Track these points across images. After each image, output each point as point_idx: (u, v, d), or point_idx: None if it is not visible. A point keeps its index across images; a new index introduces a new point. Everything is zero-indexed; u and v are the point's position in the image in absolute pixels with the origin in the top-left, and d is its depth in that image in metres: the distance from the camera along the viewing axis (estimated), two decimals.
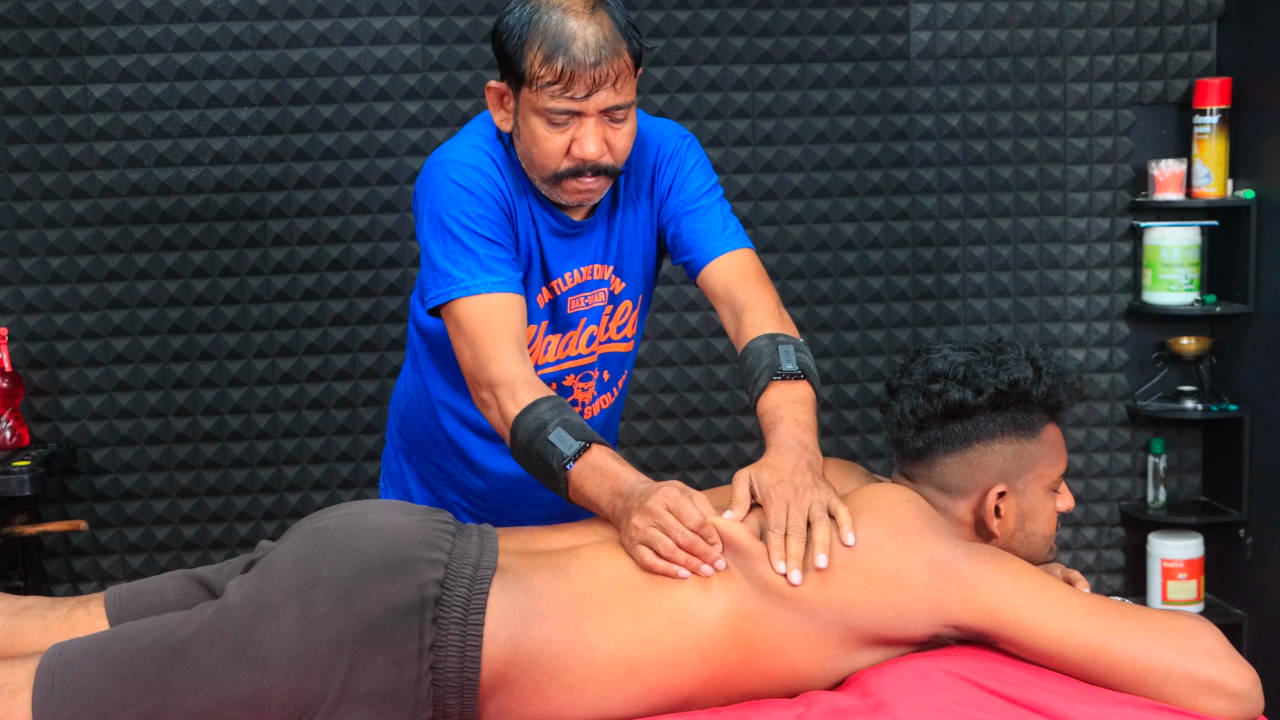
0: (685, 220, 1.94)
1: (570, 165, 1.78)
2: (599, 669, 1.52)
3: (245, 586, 1.51)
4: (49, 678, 1.47)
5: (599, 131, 1.76)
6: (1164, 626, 1.52)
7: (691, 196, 1.95)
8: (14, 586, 2.92)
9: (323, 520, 1.59)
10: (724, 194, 2.00)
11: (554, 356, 1.96)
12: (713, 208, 1.95)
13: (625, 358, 2.06)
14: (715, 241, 1.92)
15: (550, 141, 1.77)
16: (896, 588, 1.55)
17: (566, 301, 1.94)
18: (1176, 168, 3.14)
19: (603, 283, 1.97)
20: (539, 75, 1.72)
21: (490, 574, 1.54)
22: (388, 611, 1.47)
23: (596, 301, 1.97)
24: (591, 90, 1.73)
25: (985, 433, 1.70)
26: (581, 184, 1.80)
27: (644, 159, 1.95)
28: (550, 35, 1.71)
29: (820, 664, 1.57)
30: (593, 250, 1.94)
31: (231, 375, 3.11)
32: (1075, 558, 3.32)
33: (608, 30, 1.73)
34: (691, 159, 1.97)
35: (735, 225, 1.96)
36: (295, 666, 1.45)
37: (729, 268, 1.91)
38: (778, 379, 1.77)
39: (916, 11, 3.15)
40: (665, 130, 2.00)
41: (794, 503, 1.61)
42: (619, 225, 1.95)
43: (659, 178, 1.96)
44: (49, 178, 3.02)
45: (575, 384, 2.01)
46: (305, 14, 3.02)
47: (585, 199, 1.84)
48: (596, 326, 1.98)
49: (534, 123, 1.77)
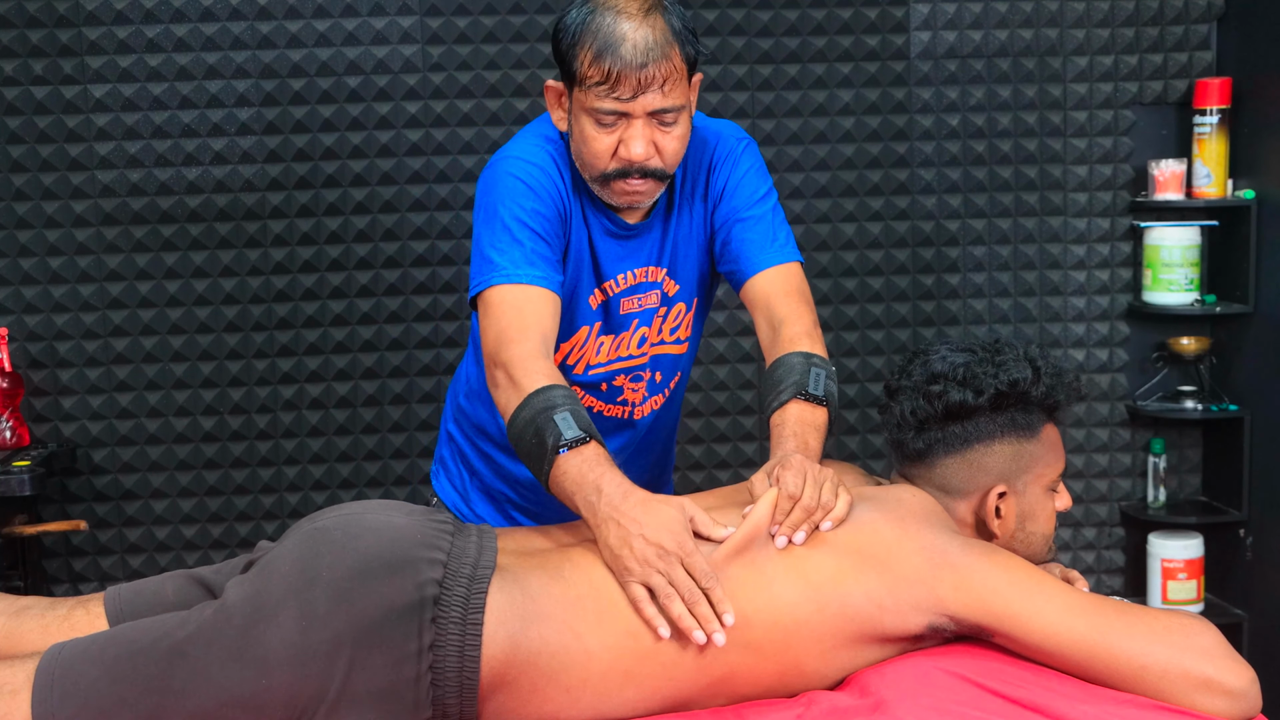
0: (735, 229, 1.93)
1: (617, 166, 1.79)
2: (596, 675, 1.52)
3: (244, 587, 1.51)
4: (48, 678, 1.47)
5: (646, 134, 1.77)
6: (1161, 624, 1.52)
7: (744, 204, 1.94)
8: (14, 586, 2.93)
9: (322, 520, 1.59)
10: (778, 198, 1.99)
11: (605, 357, 1.97)
12: (764, 217, 1.93)
13: (679, 359, 2.05)
14: (762, 254, 1.92)
15: (598, 141, 1.77)
16: (887, 566, 1.56)
17: (620, 303, 1.94)
18: (1176, 168, 3.14)
19: (655, 285, 1.97)
20: (588, 75, 1.73)
21: (489, 573, 1.54)
22: (387, 611, 1.47)
23: (649, 304, 1.97)
24: (638, 92, 1.73)
25: (985, 433, 1.70)
26: (629, 185, 1.81)
27: (699, 160, 1.95)
28: (601, 36, 1.72)
29: (822, 661, 1.57)
30: (647, 252, 1.94)
31: (231, 375, 3.11)
32: (1075, 558, 3.32)
33: (659, 33, 1.73)
34: (746, 163, 1.96)
35: (785, 235, 1.95)
36: (294, 666, 1.45)
37: (772, 281, 1.91)
38: (801, 398, 1.77)
39: (916, 11, 3.15)
40: (723, 131, 1.99)
41: (812, 480, 1.61)
42: (674, 228, 1.95)
43: (713, 180, 1.95)
44: (49, 178, 3.02)
45: (625, 384, 2.01)
46: (305, 14, 3.02)
47: (633, 201, 1.84)
48: (648, 328, 1.98)
49: (584, 122, 1.78)
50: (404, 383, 3.16)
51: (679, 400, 2.14)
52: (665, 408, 2.10)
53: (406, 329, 3.14)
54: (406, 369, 3.15)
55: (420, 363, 3.15)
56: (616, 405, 2.02)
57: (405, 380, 3.16)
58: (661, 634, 1.51)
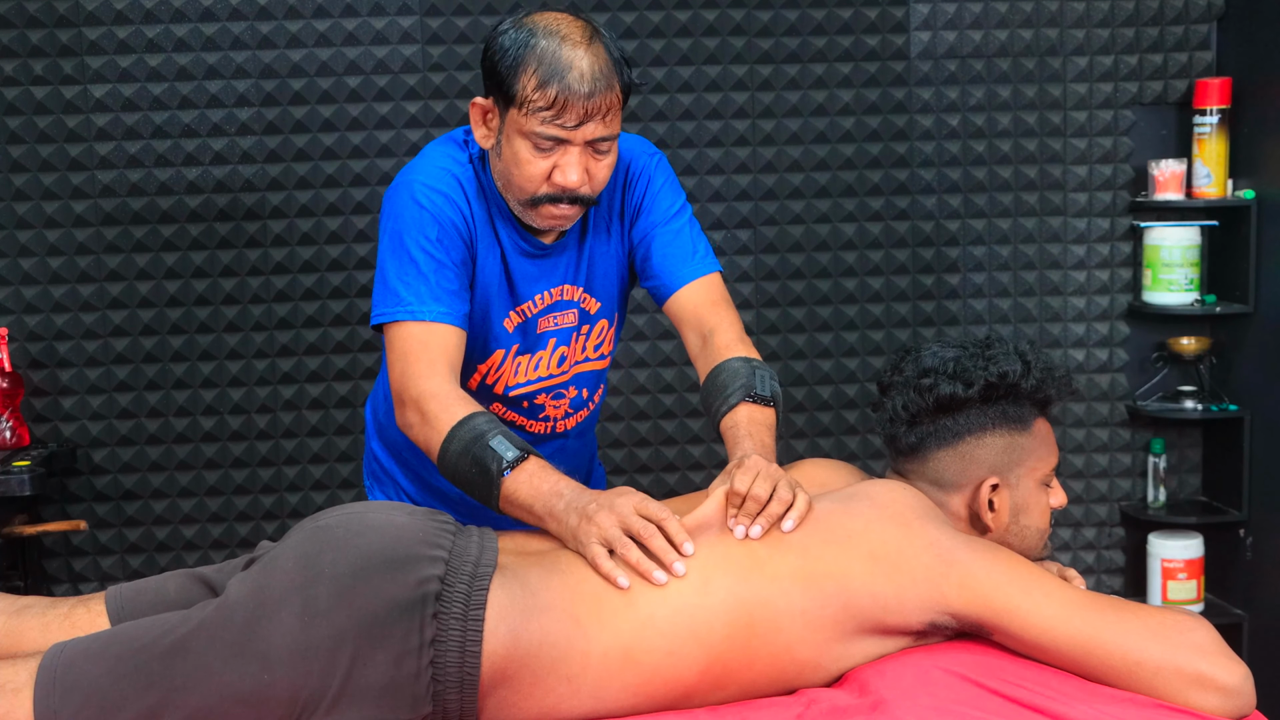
0: (654, 244, 1.94)
1: (549, 191, 1.79)
2: (596, 658, 1.52)
3: (246, 583, 1.52)
4: (50, 675, 1.47)
5: (582, 161, 1.77)
6: (1156, 621, 1.53)
7: (660, 219, 1.95)
8: (14, 586, 2.93)
9: (324, 519, 1.60)
10: (693, 212, 2.00)
11: (524, 377, 1.97)
12: (680, 230, 1.95)
13: (602, 373, 2.07)
14: (684, 267, 1.93)
15: (533, 165, 1.77)
16: (897, 568, 1.56)
17: (537, 323, 1.95)
18: (1176, 168, 3.14)
19: (573, 304, 1.97)
20: (531, 99, 1.72)
21: (490, 570, 1.55)
22: (389, 607, 1.48)
23: (566, 322, 1.97)
24: (582, 120, 1.73)
25: (976, 425, 1.72)
26: (558, 210, 1.81)
27: (614, 178, 1.94)
28: (547, 61, 1.71)
29: (818, 650, 1.57)
30: (562, 272, 1.94)
31: (231, 375, 3.12)
32: (1075, 557, 3.32)
33: (603, 63, 1.73)
34: (660, 178, 1.97)
35: (704, 248, 1.96)
36: (297, 662, 1.46)
37: (696, 293, 1.93)
38: (750, 400, 1.80)
39: (916, 11, 3.15)
40: (634, 148, 1.98)
41: (763, 474, 1.63)
42: (589, 246, 1.95)
43: (628, 197, 1.95)
44: (49, 178, 3.02)
45: (547, 402, 2.01)
46: (305, 14, 3.02)
47: (559, 224, 1.85)
48: (566, 347, 1.99)
49: (518, 145, 1.77)
50: None
51: (599, 409, 2.16)
52: (589, 420, 2.11)
53: None
54: None
55: None
56: (539, 421, 2.02)
57: None
58: (620, 584, 1.54)
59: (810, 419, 3.26)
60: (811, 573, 1.56)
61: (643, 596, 1.55)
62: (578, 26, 1.75)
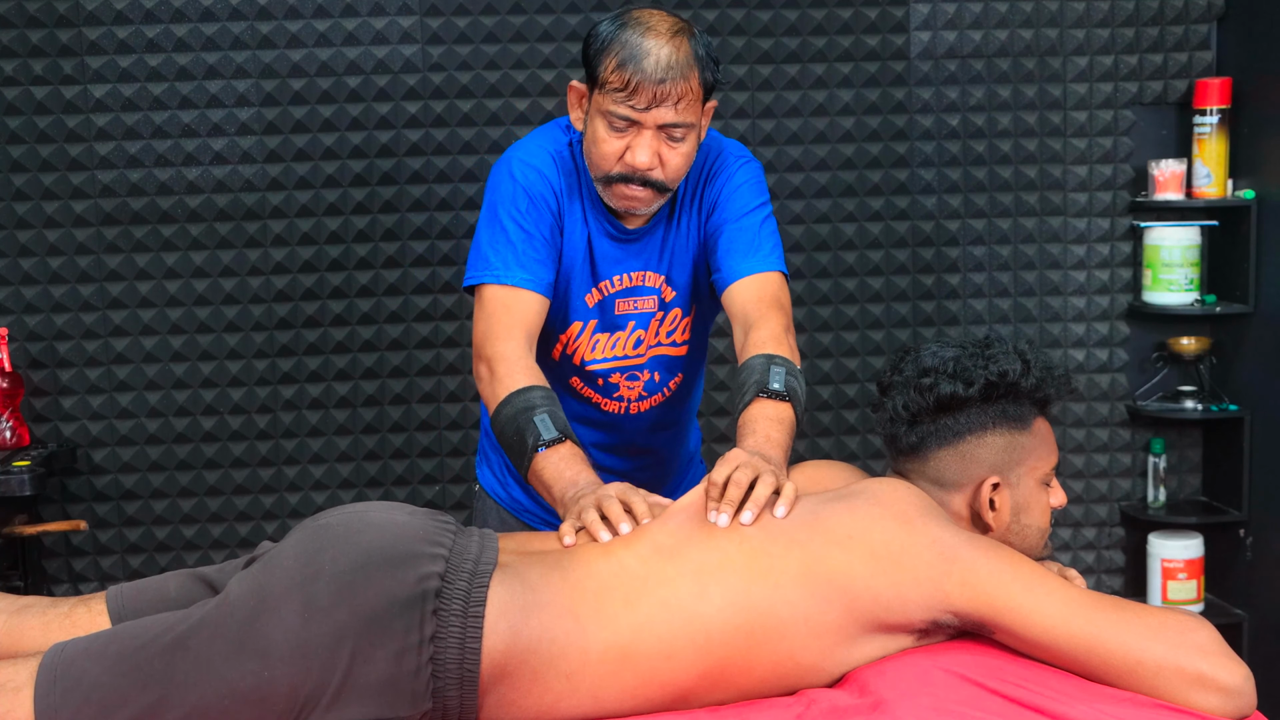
0: (722, 237, 1.99)
1: (621, 170, 1.89)
2: (595, 656, 1.52)
3: (247, 581, 1.52)
4: (50, 674, 1.47)
5: (653, 144, 1.86)
6: (1157, 621, 1.52)
7: (733, 214, 2.00)
8: (14, 586, 2.93)
9: (325, 518, 1.60)
10: (772, 214, 2.03)
11: (601, 354, 2.05)
12: (750, 227, 1.99)
13: (679, 361, 2.12)
14: (744, 261, 1.97)
15: (608, 144, 1.87)
16: (900, 566, 1.56)
17: (614, 304, 2.03)
18: (1176, 168, 3.14)
19: (653, 290, 2.05)
20: (609, 80, 1.84)
21: (490, 568, 1.55)
22: (389, 603, 1.48)
23: (645, 307, 2.06)
24: (652, 104, 1.83)
25: (977, 424, 1.72)
26: (630, 190, 1.90)
27: (698, 170, 2.02)
28: (629, 47, 1.83)
29: (821, 655, 1.57)
30: (645, 257, 2.03)
31: (231, 375, 3.12)
32: (1075, 557, 3.32)
33: (682, 55, 1.84)
34: (742, 176, 2.02)
35: (771, 247, 2.00)
36: (297, 659, 1.46)
37: (749, 288, 1.96)
38: (763, 396, 1.81)
39: (916, 11, 3.15)
40: (727, 146, 2.06)
41: (744, 464, 1.65)
42: (673, 235, 2.03)
43: (708, 190, 2.02)
44: (49, 178, 3.02)
45: (622, 382, 2.09)
46: (305, 14, 3.02)
47: (631, 206, 1.93)
48: (644, 331, 2.06)
49: (598, 123, 1.88)
50: (404, 383, 3.16)
51: (684, 406, 2.20)
52: (666, 405, 2.14)
53: (406, 329, 3.14)
54: (406, 369, 3.15)
55: (420, 363, 3.15)
56: (614, 401, 2.10)
57: (405, 380, 3.16)
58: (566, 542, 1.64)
59: (810, 419, 3.26)
60: (814, 574, 1.56)
61: (643, 598, 1.55)
62: (668, 22, 1.87)
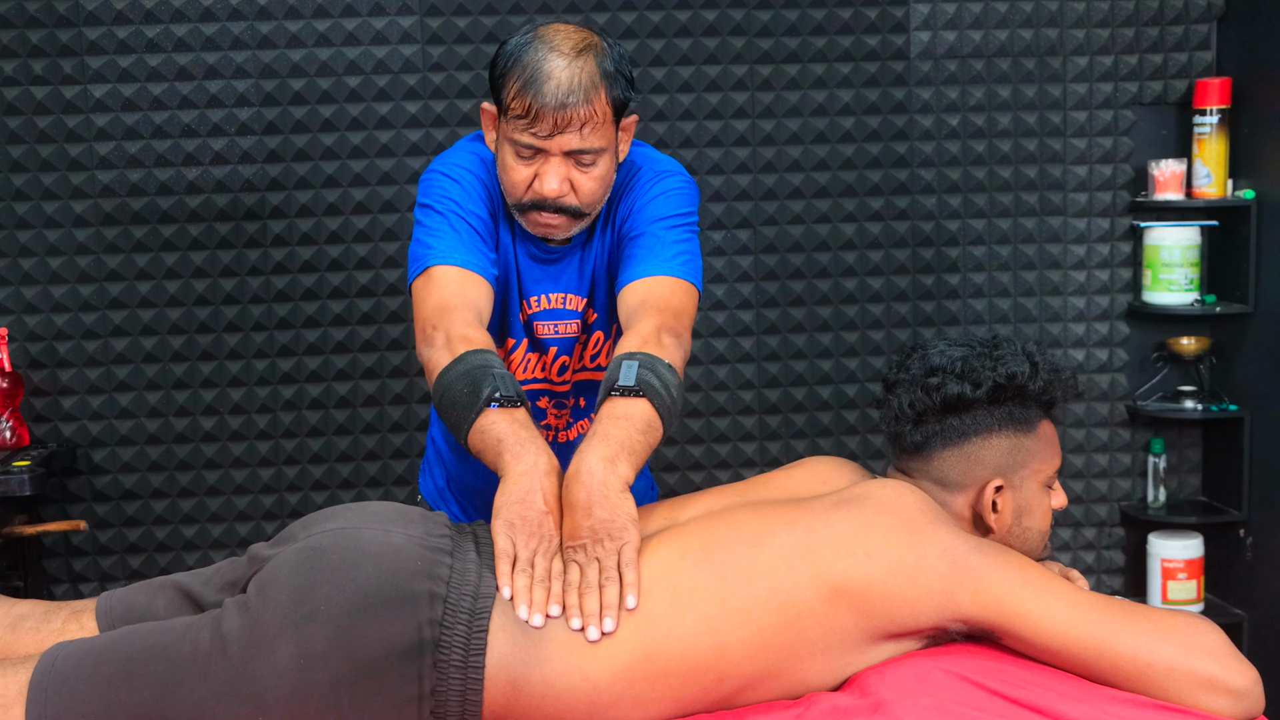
0: (626, 246, 1.88)
1: (531, 199, 1.80)
2: (604, 705, 1.50)
3: (241, 615, 1.48)
4: (41, 693, 1.45)
5: (562, 171, 1.77)
6: (1166, 623, 1.52)
7: (639, 225, 1.88)
8: (14, 587, 2.93)
9: (317, 534, 1.55)
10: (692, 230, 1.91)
11: (532, 375, 1.97)
12: (658, 234, 1.86)
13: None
14: (637, 267, 1.84)
15: (516, 172, 1.79)
16: (913, 580, 1.54)
17: (534, 325, 1.94)
18: (1176, 168, 3.14)
19: (575, 314, 1.95)
20: (511, 106, 1.75)
21: (489, 605, 1.51)
22: (386, 653, 1.45)
23: (568, 332, 1.96)
24: (554, 131, 1.74)
25: (983, 426, 1.71)
26: (543, 218, 1.81)
27: (617, 187, 1.91)
28: (529, 70, 1.73)
29: (830, 675, 1.57)
30: (565, 279, 1.93)
31: (231, 375, 3.11)
32: (1075, 558, 3.32)
33: (587, 75, 1.73)
34: (659, 188, 1.90)
35: (674, 254, 1.85)
36: (292, 705, 1.43)
37: (635, 293, 1.82)
38: (614, 394, 1.64)
39: (916, 11, 3.15)
40: (648, 162, 1.94)
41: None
42: (591, 255, 1.94)
43: (620, 207, 1.92)
44: (49, 178, 3.02)
45: (549, 407, 2.01)
46: (305, 14, 3.02)
47: (547, 233, 1.85)
48: (569, 357, 1.98)
49: (505, 151, 1.80)
50: (404, 383, 3.16)
51: None
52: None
53: (406, 329, 3.14)
54: (406, 369, 3.15)
55: (420, 363, 3.15)
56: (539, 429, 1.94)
57: (405, 380, 3.15)
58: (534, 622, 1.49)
59: (810, 419, 3.26)
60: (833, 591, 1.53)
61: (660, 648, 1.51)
62: (574, 39, 1.75)
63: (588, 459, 1.57)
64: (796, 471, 1.82)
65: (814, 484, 1.76)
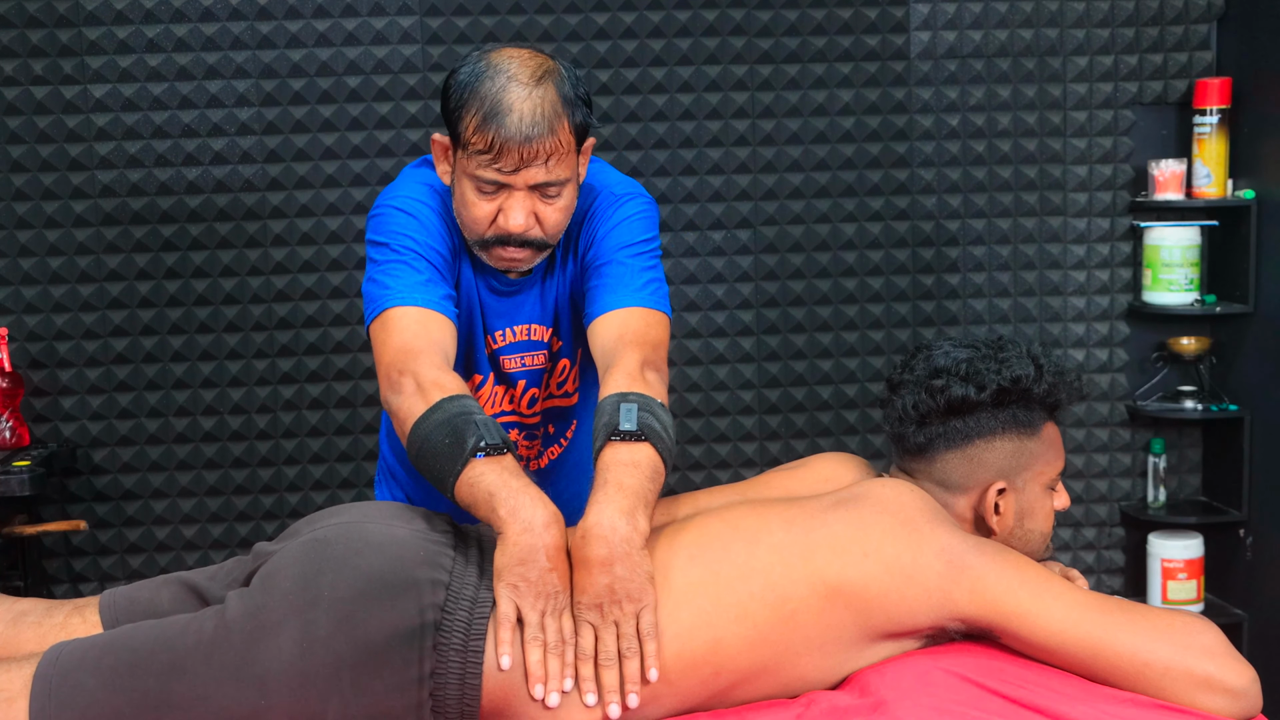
0: (593, 276, 1.82)
1: (496, 234, 1.73)
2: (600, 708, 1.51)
3: (245, 602, 1.50)
4: (45, 685, 1.46)
5: (527, 205, 1.71)
6: (1164, 623, 1.52)
7: (606, 252, 1.82)
8: (14, 587, 2.92)
9: (323, 527, 1.57)
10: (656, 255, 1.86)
11: (500, 408, 1.93)
12: (624, 263, 1.80)
13: (570, 409, 2.01)
14: (608, 297, 1.78)
15: (478, 208, 1.72)
16: (911, 579, 1.55)
17: (500, 360, 1.90)
18: (1176, 168, 3.14)
19: (541, 344, 1.91)
20: (471, 141, 1.68)
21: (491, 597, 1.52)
22: (389, 636, 1.46)
23: (535, 364, 1.92)
24: (520, 165, 1.67)
25: (986, 429, 1.70)
26: (507, 253, 1.75)
27: (579, 213, 1.85)
28: (489, 102, 1.66)
29: (828, 673, 1.57)
30: (529, 310, 1.88)
31: (231, 375, 3.11)
32: (1075, 558, 3.32)
33: (548, 105, 1.67)
34: (621, 214, 1.84)
35: (643, 283, 1.79)
36: (294, 688, 1.44)
37: (610, 325, 1.76)
38: (615, 439, 1.57)
39: (916, 11, 3.15)
40: (608, 185, 1.88)
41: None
42: (553, 283, 1.89)
43: (584, 232, 1.86)
44: (49, 178, 3.02)
45: (519, 439, 1.98)
46: (305, 14, 3.02)
47: (512, 267, 1.79)
48: (537, 389, 1.94)
49: (465, 186, 1.73)
50: None
51: (578, 446, 2.05)
52: (564, 457, 2.04)
53: None
54: None
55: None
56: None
57: None
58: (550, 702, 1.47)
59: (810, 419, 3.26)
60: (830, 590, 1.54)
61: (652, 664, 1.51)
62: (530, 66, 1.69)
63: (607, 512, 1.50)
64: (800, 470, 1.82)
65: (816, 483, 1.76)
